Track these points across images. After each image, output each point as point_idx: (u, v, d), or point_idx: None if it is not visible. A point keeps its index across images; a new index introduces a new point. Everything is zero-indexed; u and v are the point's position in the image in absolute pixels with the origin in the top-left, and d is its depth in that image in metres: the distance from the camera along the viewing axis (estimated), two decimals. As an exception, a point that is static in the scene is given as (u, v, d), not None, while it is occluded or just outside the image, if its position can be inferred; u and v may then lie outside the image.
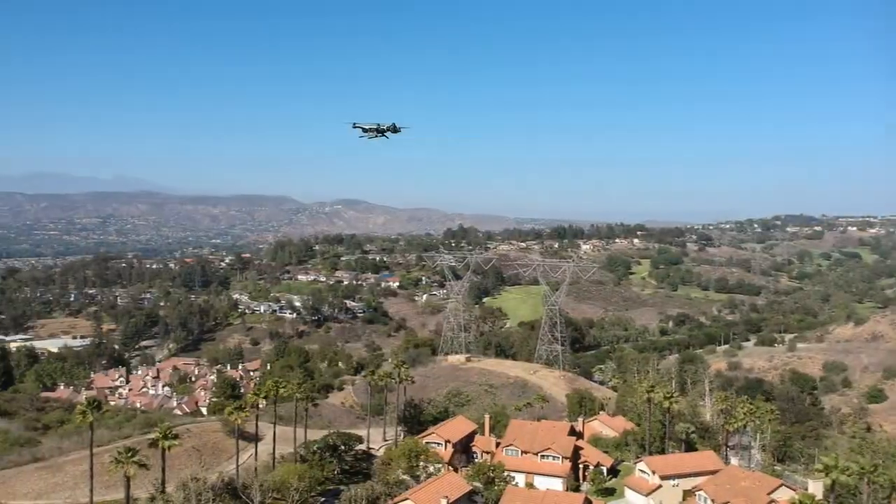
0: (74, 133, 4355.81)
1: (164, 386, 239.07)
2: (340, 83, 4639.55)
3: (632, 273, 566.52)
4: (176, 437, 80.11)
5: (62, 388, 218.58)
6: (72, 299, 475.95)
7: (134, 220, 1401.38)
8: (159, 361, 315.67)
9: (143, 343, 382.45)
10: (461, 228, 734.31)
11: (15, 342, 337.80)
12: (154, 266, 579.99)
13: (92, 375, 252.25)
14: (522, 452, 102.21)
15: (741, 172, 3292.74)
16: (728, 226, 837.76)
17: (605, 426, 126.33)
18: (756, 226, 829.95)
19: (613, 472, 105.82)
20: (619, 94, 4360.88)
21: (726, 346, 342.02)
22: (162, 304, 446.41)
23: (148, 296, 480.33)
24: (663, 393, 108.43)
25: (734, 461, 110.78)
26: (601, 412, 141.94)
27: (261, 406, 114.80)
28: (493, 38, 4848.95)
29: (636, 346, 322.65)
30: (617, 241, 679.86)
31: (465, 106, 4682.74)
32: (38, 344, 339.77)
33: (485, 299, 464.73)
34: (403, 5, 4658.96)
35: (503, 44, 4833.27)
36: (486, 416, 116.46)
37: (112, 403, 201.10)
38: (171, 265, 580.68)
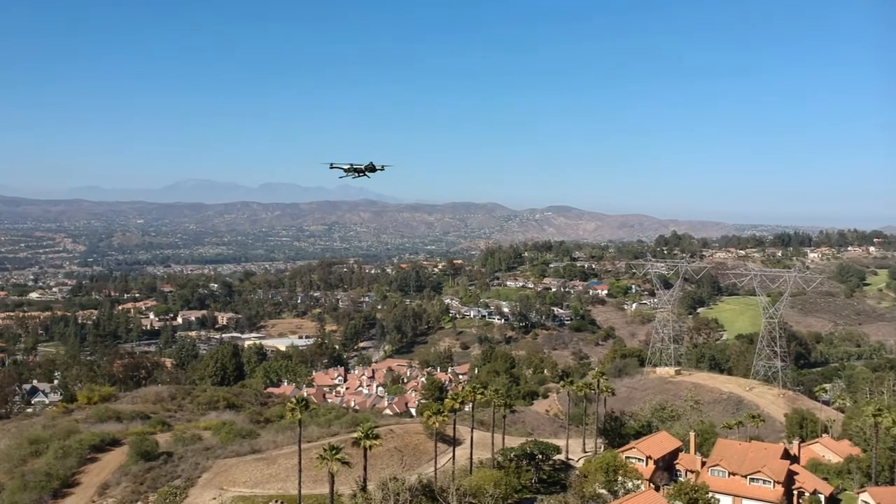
0: (304, 147, 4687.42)
1: (378, 386, 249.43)
2: (562, 95, 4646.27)
3: (866, 284, 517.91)
4: (377, 437, 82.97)
5: (286, 384, 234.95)
6: (299, 301, 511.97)
7: (356, 227, 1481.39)
8: (375, 362, 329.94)
9: (362, 344, 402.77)
10: (674, 235, 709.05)
11: (249, 340, 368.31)
12: (373, 271, 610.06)
13: (313, 373, 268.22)
14: (730, 474, 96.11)
15: None
16: None
17: (828, 451, 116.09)
18: None
19: (833, 501, 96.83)
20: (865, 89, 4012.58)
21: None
22: (379, 307, 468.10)
23: (367, 299, 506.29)
24: (893, 417, 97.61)
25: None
26: (824, 435, 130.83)
27: (466, 409, 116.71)
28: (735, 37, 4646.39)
29: (869, 365, 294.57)
30: (850, 248, 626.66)
31: (693, 108, 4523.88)
32: (268, 342, 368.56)
33: (699, 310, 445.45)
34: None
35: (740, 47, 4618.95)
36: (692, 434, 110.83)
37: (329, 401, 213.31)
38: (389, 270, 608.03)
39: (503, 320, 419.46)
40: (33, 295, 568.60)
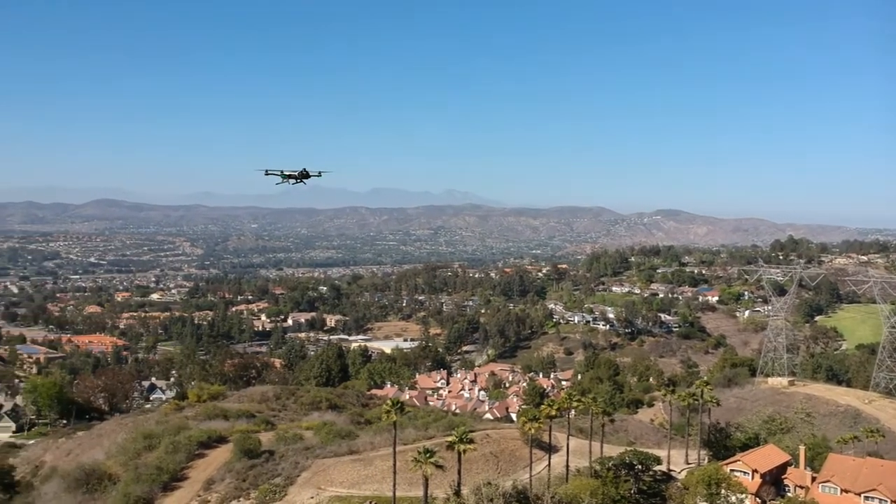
0: (410, 153, 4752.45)
1: (479, 390, 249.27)
2: (671, 92, 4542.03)
3: None
4: (471, 441, 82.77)
5: (388, 386, 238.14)
6: (404, 304, 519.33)
7: (461, 231, 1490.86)
8: (478, 366, 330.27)
9: (465, 348, 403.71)
10: (791, 240, 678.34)
11: (356, 342, 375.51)
12: (477, 275, 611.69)
13: (416, 376, 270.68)
14: (842, 491, 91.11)
15: None
16: None
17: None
18: None
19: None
20: None
21: None
22: (483, 311, 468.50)
23: (470, 303, 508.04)
24: None
25: None
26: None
27: (571, 415, 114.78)
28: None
29: None
30: None
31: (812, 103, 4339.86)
32: (373, 344, 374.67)
33: (817, 318, 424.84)
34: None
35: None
36: (802, 447, 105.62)
37: (431, 404, 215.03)
38: (493, 274, 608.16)
39: (608, 326, 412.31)
40: (154, 296, 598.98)
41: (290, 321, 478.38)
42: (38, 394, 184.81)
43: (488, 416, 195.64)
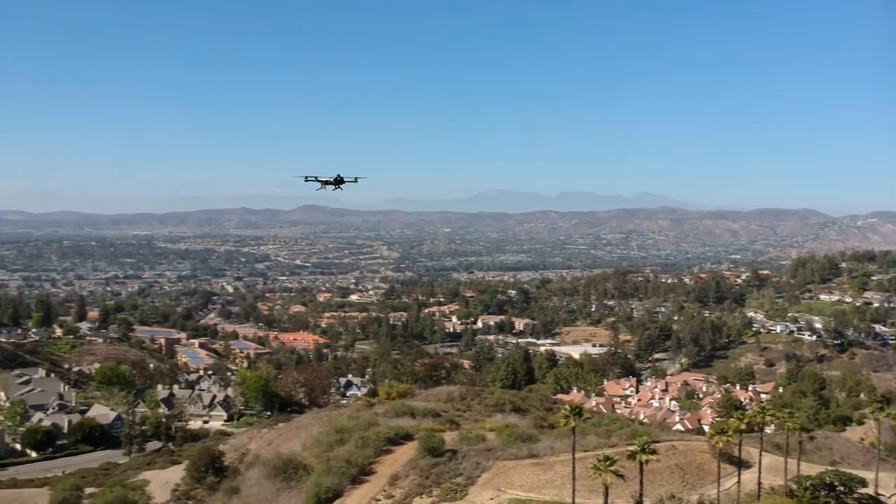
0: (600, 155, 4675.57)
1: (670, 400, 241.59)
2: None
3: None
4: (653, 452, 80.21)
5: (574, 391, 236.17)
6: (593, 309, 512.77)
7: (654, 235, 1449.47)
8: (669, 375, 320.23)
9: (656, 355, 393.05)
10: None
11: (543, 346, 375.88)
12: (669, 280, 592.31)
13: (604, 382, 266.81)
14: None
15: None
16: None
17: None
18: None
19: None
20: None
21: None
22: (675, 318, 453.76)
23: (662, 309, 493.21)
24: None
25: None
26: None
27: (767, 430, 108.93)
28: None
29: None
30: None
31: None
32: (561, 349, 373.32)
33: None
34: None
35: None
36: None
37: (618, 411, 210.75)
38: (686, 280, 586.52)
39: (814, 337, 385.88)
40: (353, 297, 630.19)
41: (479, 323, 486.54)
42: (247, 386, 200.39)
43: (678, 427, 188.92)
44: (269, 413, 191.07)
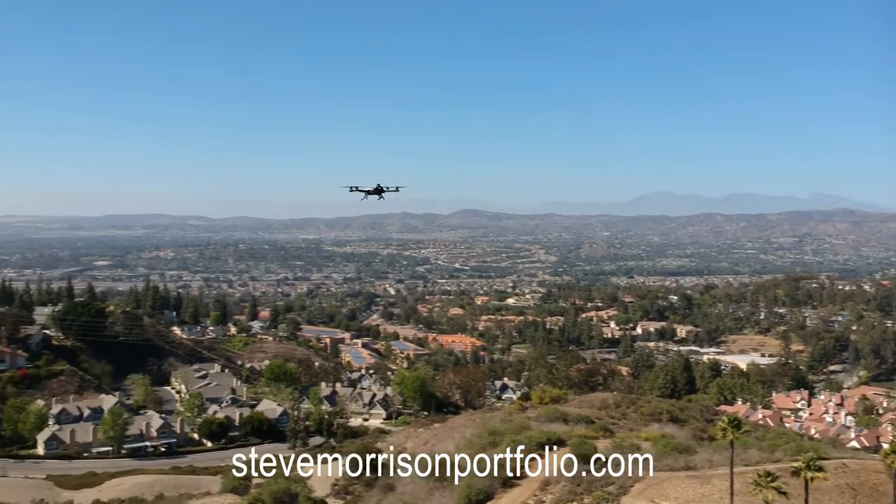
0: (769, 154, 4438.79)
1: (846, 415, 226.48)
2: None
3: None
4: (820, 469, 75.24)
5: (739, 403, 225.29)
6: (761, 317, 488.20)
7: (831, 238, 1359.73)
8: (845, 388, 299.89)
9: (831, 367, 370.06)
10: None
11: (707, 354, 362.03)
12: (847, 287, 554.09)
13: (773, 395, 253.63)
14: None
15: None
16: None
17: None
18: None
19: None
20: None
21: None
22: (853, 327, 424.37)
23: (839, 318, 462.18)
24: None
25: None
26: None
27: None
28: None
29: None
30: None
31: None
32: (726, 358, 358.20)
33: None
34: None
35: None
36: None
37: (787, 425, 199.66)
38: (867, 287, 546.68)
39: None
40: (510, 301, 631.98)
41: (638, 329, 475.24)
42: (405, 386, 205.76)
43: (853, 444, 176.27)
44: (425, 412, 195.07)
